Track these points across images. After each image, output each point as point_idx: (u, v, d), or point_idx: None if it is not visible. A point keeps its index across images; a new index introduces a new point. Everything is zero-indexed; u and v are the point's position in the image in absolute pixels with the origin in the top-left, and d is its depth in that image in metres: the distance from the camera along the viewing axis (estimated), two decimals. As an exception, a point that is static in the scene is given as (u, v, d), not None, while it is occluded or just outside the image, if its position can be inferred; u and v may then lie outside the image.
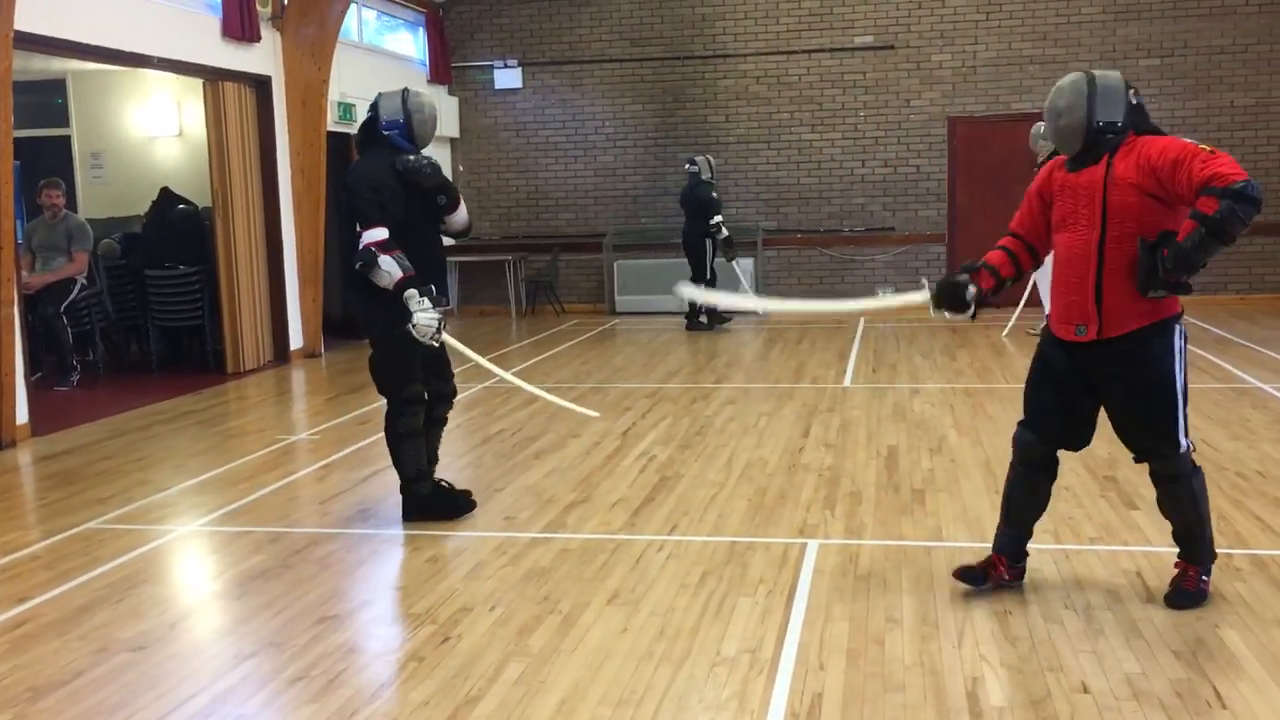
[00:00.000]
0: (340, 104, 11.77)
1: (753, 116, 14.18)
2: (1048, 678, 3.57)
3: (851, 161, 14.03)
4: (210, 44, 9.87)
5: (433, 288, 5.16)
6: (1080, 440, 4.32)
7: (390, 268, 5.07)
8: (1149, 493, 5.49)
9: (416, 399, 5.40)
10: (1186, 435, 4.12)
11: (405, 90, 5.46)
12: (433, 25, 14.15)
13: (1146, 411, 4.09)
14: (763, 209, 14.20)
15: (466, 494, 5.64)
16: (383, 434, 5.55)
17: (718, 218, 12.09)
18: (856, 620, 4.08)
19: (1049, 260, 4.41)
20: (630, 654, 3.86)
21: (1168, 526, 4.90)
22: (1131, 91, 4.10)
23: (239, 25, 10.04)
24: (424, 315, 5.07)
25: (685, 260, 12.44)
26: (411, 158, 5.25)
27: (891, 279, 14.06)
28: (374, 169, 5.26)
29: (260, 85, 10.65)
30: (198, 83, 10.30)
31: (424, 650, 3.96)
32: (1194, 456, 4.18)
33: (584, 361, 10.45)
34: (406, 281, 5.07)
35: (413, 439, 5.41)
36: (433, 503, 5.51)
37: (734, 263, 12.46)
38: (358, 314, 5.49)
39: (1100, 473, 5.93)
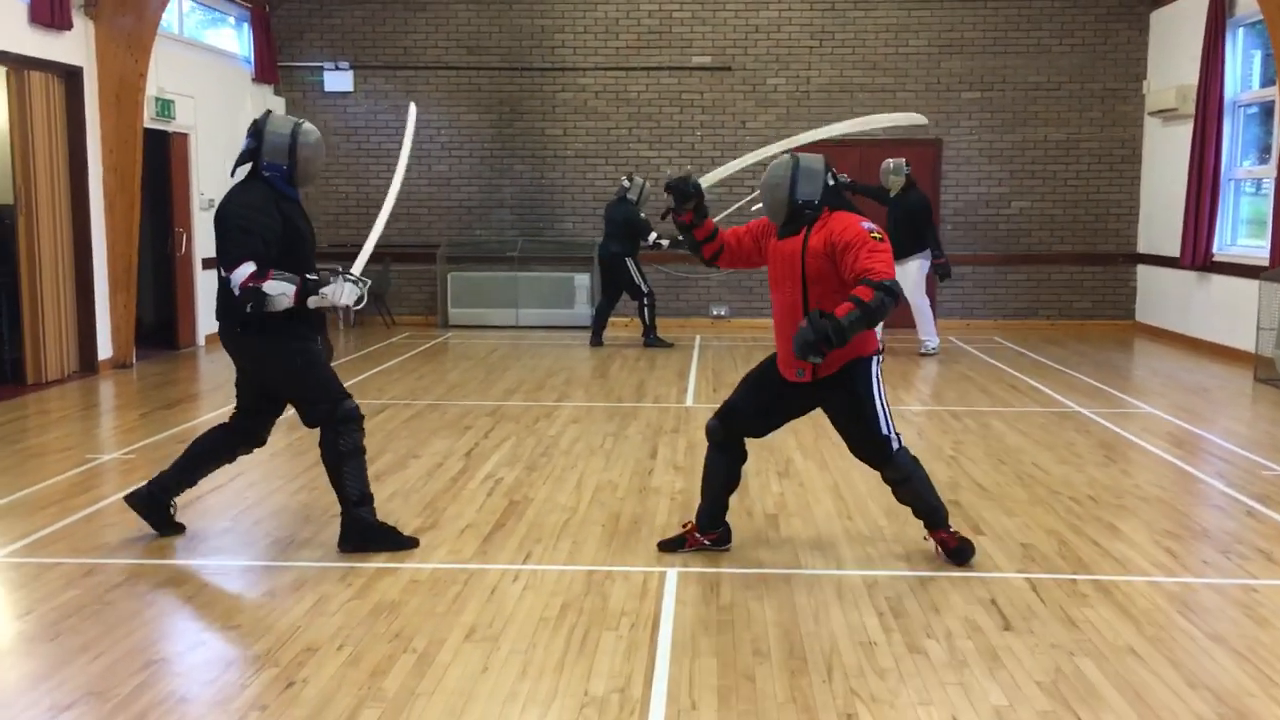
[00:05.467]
0: (158, 99, 11.08)
1: (591, 131, 14.10)
2: (919, 712, 3.55)
3: (688, 180, 14.08)
4: (16, 30, 9.13)
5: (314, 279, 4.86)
6: (757, 432, 5.07)
7: (278, 291, 4.73)
8: (991, 517, 5.67)
9: (353, 415, 5.06)
10: (896, 440, 4.84)
11: (297, 128, 5.00)
12: (258, 22, 13.54)
13: (857, 431, 4.87)
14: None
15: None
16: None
17: (653, 235, 12.01)
18: (724, 654, 3.98)
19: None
20: (493, 696, 3.66)
21: (1015, 551, 5.09)
22: (830, 174, 4.80)
23: (49, 11, 9.33)
24: (346, 295, 4.78)
25: (521, 273, 12.20)
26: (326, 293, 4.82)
27: (725, 297, 14.22)
28: (248, 204, 4.88)
29: (70, 76, 9.93)
30: (0, 71, 9.54)
31: (266, 698, 3.65)
32: (905, 447, 4.91)
33: (419, 377, 10.12)
34: (302, 293, 4.75)
35: (355, 457, 5.06)
36: (375, 532, 5.14)
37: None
38: (246, 351, 5.04)
39: (945, 497, 6.02)
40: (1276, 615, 4.40)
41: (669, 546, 5.14)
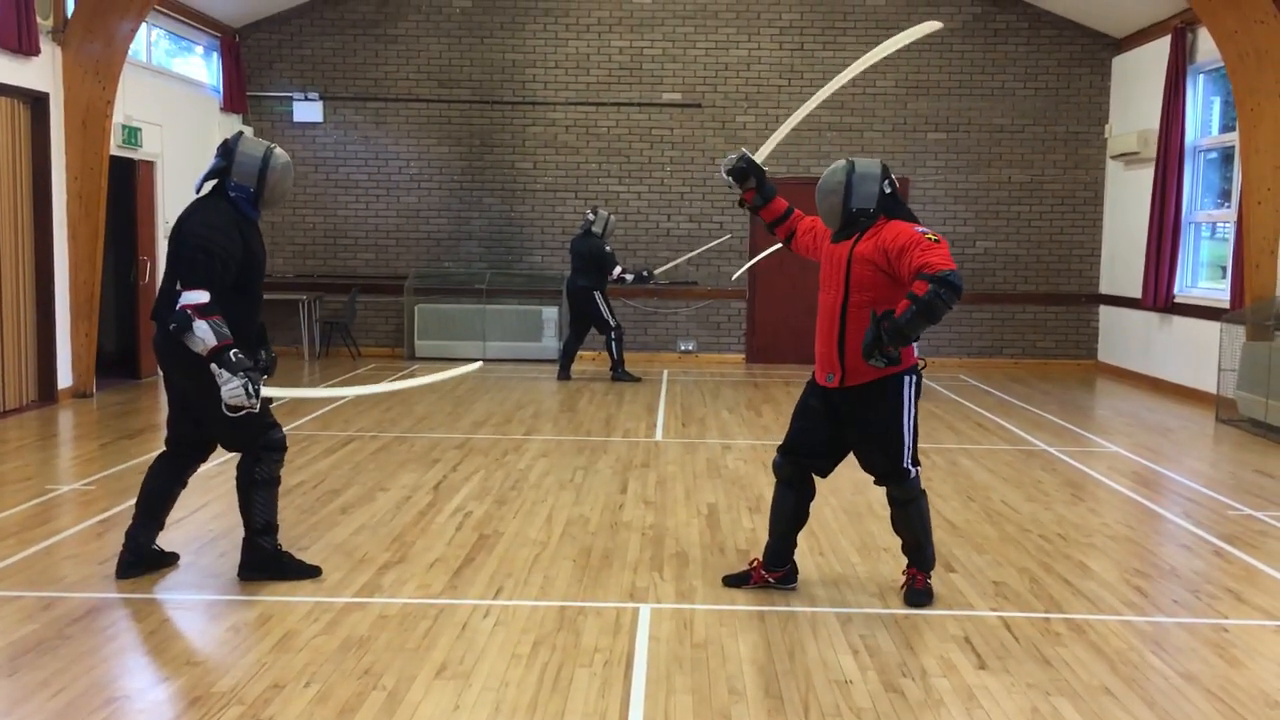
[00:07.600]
0: (125, 127, 11.00)
1: (561, 165, 14.13)
2: (897, 752, 3.52)
3: (657, 215, 14.16)
4: (-19, 53, 9.05)
5: (242, 354, 4.74)
6: (823, 468, 4.97)
7: (204, 334, 4.68)
8: (962, 554, 5.67)
9: (278, 445, 5.04)
10: (915, 465, 4.81)
11: (269, 151, 4.97)
12: (228, 51, 13.49)
13: (880, 447, 4.79)
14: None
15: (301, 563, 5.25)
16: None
17: (617, 269, 12.14)
18: (699, 692, 3.94)
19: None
20: (465, 735, 3.59)
21: (987, 588, 5.08)
22: (887, 181, 4.75)
23: (15, 36, 9.24)
24: (228, 390, 4.68)
25: (489, 305, 12.15)
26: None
27: (693, 332, 14.23)
28: (211, 224, 4.82)
29: (36, 102, 9.82)
30: (-37, 94, 9.42)
31: (232, 735, 3.57)
32: (921, 483, 4.89)
33: (386, 409, 10.03)
34: (219, 351, 4.68)
35: (268, 487, 5.03)
36: (274, 562, 5.09)
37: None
38: (183, 364, 4.92)
39: (915, 534, 6.03)
40: (1248, 655, 4.41)
41: (733, 582, 5.10)
